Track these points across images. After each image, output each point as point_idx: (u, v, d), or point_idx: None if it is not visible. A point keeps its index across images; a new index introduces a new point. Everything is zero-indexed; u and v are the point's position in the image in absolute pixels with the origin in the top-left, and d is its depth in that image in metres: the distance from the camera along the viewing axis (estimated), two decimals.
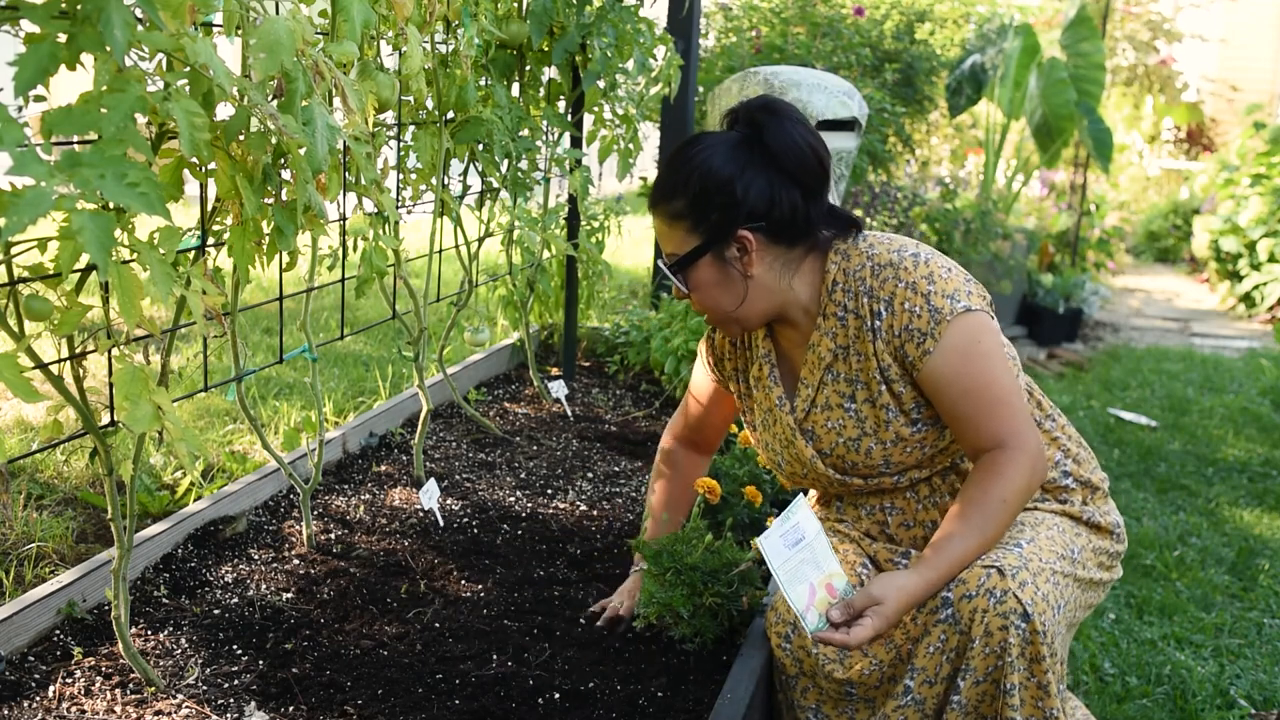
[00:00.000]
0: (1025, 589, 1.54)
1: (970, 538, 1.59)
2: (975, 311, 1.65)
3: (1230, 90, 10.43)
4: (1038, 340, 6.07)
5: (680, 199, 1.68)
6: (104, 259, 1.16)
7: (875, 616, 1.52)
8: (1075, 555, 1.70)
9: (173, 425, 1.49)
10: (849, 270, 1.71)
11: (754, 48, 4.76)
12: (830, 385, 1.75)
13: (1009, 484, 1.60)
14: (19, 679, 1.71)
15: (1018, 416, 1.64)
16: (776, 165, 1.66)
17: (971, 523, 1.60)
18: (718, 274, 1.71)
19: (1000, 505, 1.60)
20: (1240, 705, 2.37)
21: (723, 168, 1.66)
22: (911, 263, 1.67)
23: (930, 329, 1.63)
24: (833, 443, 1.77)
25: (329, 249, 2.30)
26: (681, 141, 1.75)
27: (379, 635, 1.89)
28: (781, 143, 1.65)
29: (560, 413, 3.18)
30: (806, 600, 1.54)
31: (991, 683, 1.56)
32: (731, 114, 1.73)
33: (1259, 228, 6.90)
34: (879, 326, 1.68)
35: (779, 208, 1.67)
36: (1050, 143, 6.40)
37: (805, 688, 1.74)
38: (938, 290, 1.65)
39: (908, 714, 1.63)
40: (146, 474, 2.61)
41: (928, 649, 1.60)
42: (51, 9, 1.21)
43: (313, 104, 1.53)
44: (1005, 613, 1.52)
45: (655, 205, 1.73)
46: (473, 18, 2.35)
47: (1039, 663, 1.53)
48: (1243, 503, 3.58)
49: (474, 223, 2.97)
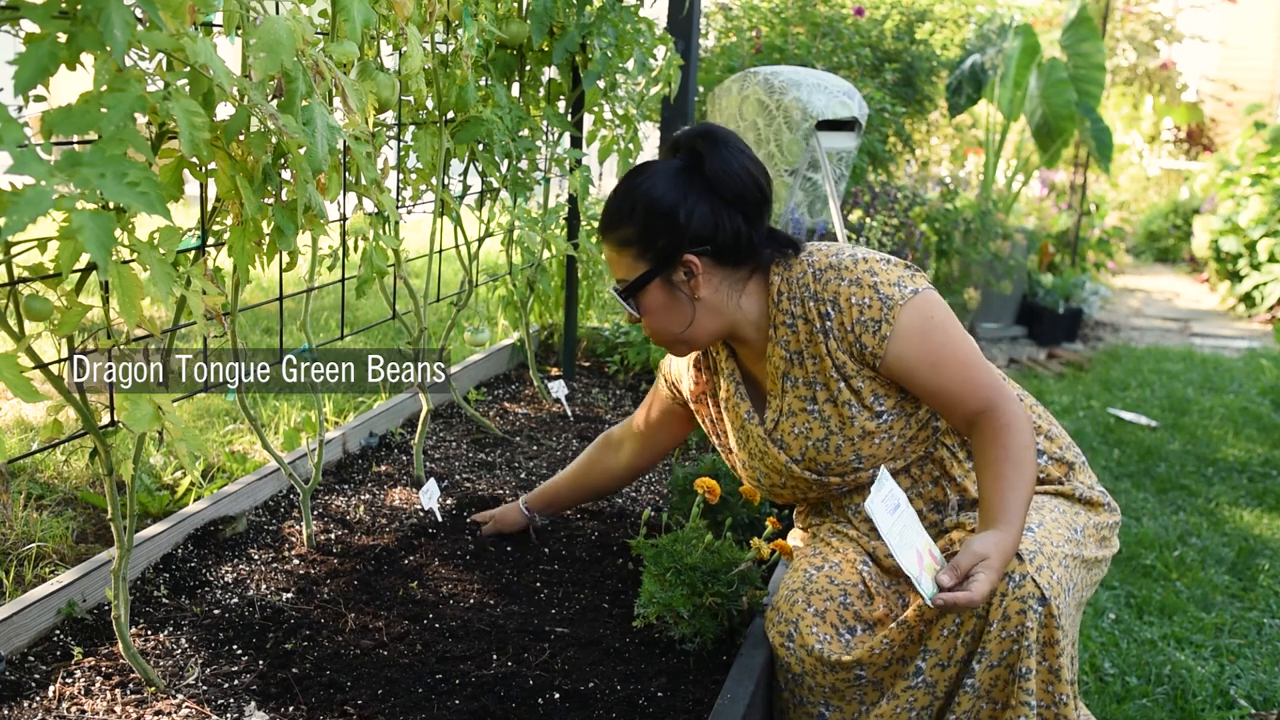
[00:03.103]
0: (1042, 573, 1.56)
1: (1019, 486, 1.61)
2: (922, 292, 1.71)
3: (1230, 90, 10.44)
4: (1038, 340, 6.07)
5: (627, 226, 1.74)
6: (104, 258, 1.16)
7: (987, 571, 1.49)
8: (1078, 536, 1.74)
9: (173, 425, 1.50)
10: (791, 279, 1.77)
11: (754, 48, 4.76)
12: (791, 392, 1.80)
13: (1019, 434, 1.65)
14: (19, 679, 1.71)
15: (990, 373, 1.71)
16: (717, 192, 1.72)
17: (1010, 476, 1.62)
18: (666, 298, 1.76)
19: (1024, 451, 1.64)
20: (1240, 705, 2.37)
21: (665, 195, 1.72)
22: (850, 261, 1.74)
23: (884, 315, 1.69)
24: (802, 447, 1.81)
25: (329, 249, 2.30)
26: (628, 171, 1.82)
27: (379, 635, 1.89)
28: (721, 170, 1.71)
29: (560, 413, 3.18)
30: (918, 566, 1.51)
31: (1005, 667, 1.57)
32: (674, 142, 1.79)
33: (1259, 228, 6.90)
34: (830, 326, 1.73)
35: (722, 232, 1.73)
36: (1050, 143, 6.40)
37: (812, 685, 1.74)
38: (882, 280, 1.71)
39: (917, 695, 1.64)
40: (146, 474, 2.61)
41: (942, 631, 1.61)
42: (51, 9, 1.21)
43: (313, 104, 1.53)
44: (1024, 596, 1.54)
45: (604, 232, 1.79)
46: (473, 18, 2.35)
47: (1053, 646, 1.55)
48: (1243, 503, 3.58)
49: (474, 223, 2.97)
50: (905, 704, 1.65)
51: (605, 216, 1.79)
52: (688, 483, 2.24)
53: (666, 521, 2.27)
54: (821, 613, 1.73)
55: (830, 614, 1.73)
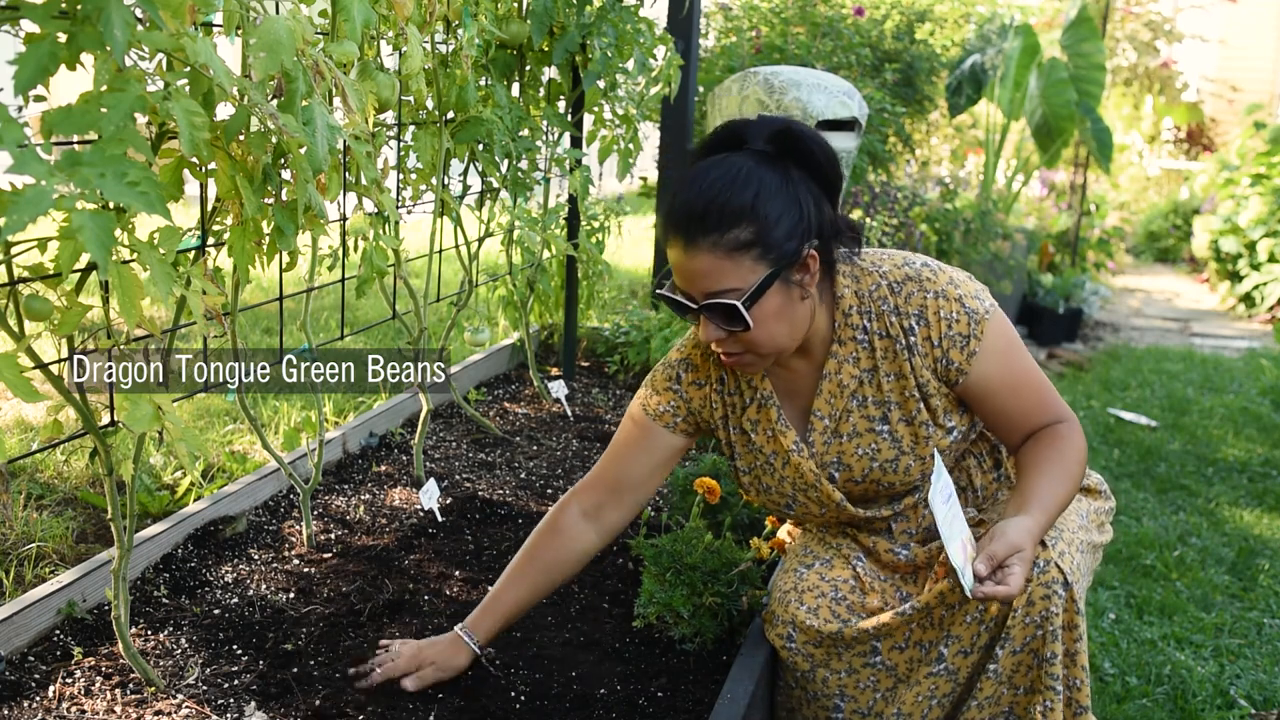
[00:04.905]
0: (1065, 558, 1.57)
1: (1059, 483, 1.60)
2: (995, 309, 1.67)
3: (1230, 90, 10.44)
4: (1038, 340, 6.07)
5: (746, 225, 1.52)
6: (104, 258, 1.16)
7: (1021, 563, 1.48)
8: (1085, 521, 1.75)
9: (173, 425, 1.50)
10: (862, 292, 1.67)
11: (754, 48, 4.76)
12: (856, 412, 1.70)
13: (1076, 447, 1.64)
14: (19, 679, 1.71)
15: (1058, 396, 1.70)
16: (815, 179, 1.60)
17: (1056, 474, 1.60)
18: (782, 301, 1.57)
19: (1076, 462, 1.63)
20: (1240, 705, 2.37)
21: (780, 186, 1.55)
22: (929, 272, 1.66)
23: (972, 330, 1.63)
24: (865, 469, 1.72)
25: (329, 249, 2.30)
26: (701, 167, 1.58)
27: (379, 635, 1.89)
28: (822, 157, 1.59)
29: (560, 413, 3.18)
30: (962, 558, 1.51)
31: (1029, 652, 1.58)
32: (743, 134, 1.61)
33: (1259, 228, 6.90)
34: (914, 342, 1.65)
35: (826, 222, 1.60)
36: (1050, 143, 6.40)
37: (825, 676, 1.73)
38: (965, 293, 1.65)
39: (938, 683, 1.64)
40: (146, 474, 2.61)
41: (965, 618, 1.60)
42: (51, 9, 1.21)
43: (313, 104, 1.53)
44: (1048, 582, 1.55)
45: (704, 236, 1.52)
46: (473, 18, 2.35)
47: (1072, 630, 1.56)
48: (1243, 503, 3.58)
49: (474, 223, 2.96)
50: (927, 691, 1.64)
51: (705, 219, 1.52)
52: (688, 483, 2.24)
53: (666, 521, 2.27)
54: (814, 609, 1.73)
55: (823, 609, 1.73)
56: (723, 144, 1.62)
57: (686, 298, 1.58)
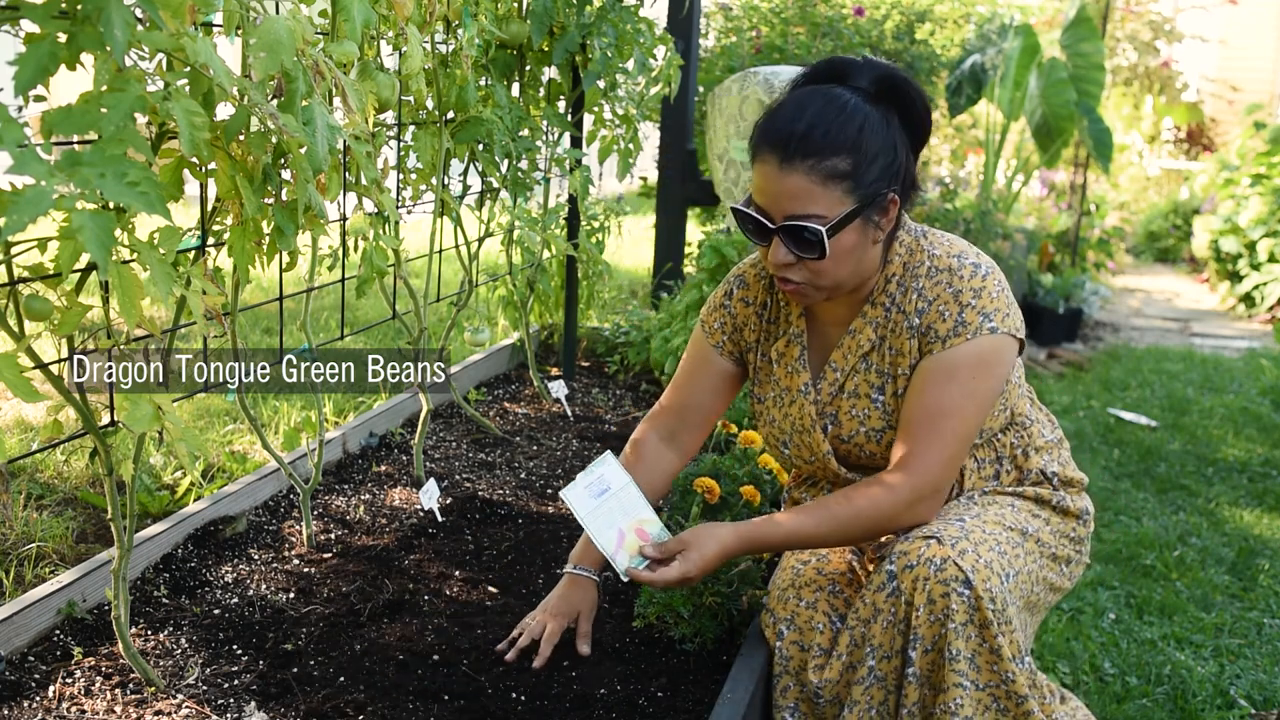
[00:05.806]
0: (965, 556, 1.55)
1: (807, 527, 1.66)
2: (999, 334, 1.63)
3: (1230, 90, 10.44)
4: (1038, 340, 6.07)
5: (845, 156, 1.55)
6: (104, 258, 1.16)
7: (683, 561, 1.64)
8: (1028, 530, 1.70)
9: (173, 425, 1.50)
10: (908, 265, 1.69)
11: (754, 48, 4.76)
12: (861, 374, 1.73)
13: (874, 506, 1.64)
14: (19, 679, 1.71)
15: (943, 455, 1.64)
16: (909, 130, 1.63)
17: (818, 516, 1.66)
18: (857, 239, 1.60)
19: (851, 519, 1.65)
20: (1240, 705, 2.37)
21: (883, 127, 1.58)
22: (969, 272, 1.66)
23: (947, 335, 1.64)
24: (853, 430, 1.75)
25: (329, 249, 2.30)
26: (806, 92, 1.61)
27: (379, 635, 1.89)
28: (924, 111, 1.63)
29: (560, 413, 3.18)
30: (615, 544, 1.69)
31: (938, 651, 1.57)
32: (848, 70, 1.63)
33: (1259, 228, 6.90)
34: (917, 323, 1.67)
35: (910, 171, 1.64)
36: (1050, 143, 6.40)
37: (785, 686, 1.75)
38: (979, 306, 1.63)
39: (873, 693, 1.63)
40: (146, 474, 2.61)
41: (882, 624, 1.61)
42: (51, 9, 1.21)
43: (313, 104, 1.53)
44: (946, 579, 1.54)
45: (805, 158, 1.55)
46: (473, 18, 2.35)
47: (988, 628, 1.54)
48: (1243, 503, 3.58)
49: (474, 223, 2.97)
50: (864, 706, 1.64)
51: (806, 141, 1.55)
52: (688, 483, 2.24)
53: (666, 521, 2.27)
54: (813, 604, 1.73)
55: (821, 603, 1.73)
56: (825, 76, 1.64)
57: (764, 215, 1.60)
